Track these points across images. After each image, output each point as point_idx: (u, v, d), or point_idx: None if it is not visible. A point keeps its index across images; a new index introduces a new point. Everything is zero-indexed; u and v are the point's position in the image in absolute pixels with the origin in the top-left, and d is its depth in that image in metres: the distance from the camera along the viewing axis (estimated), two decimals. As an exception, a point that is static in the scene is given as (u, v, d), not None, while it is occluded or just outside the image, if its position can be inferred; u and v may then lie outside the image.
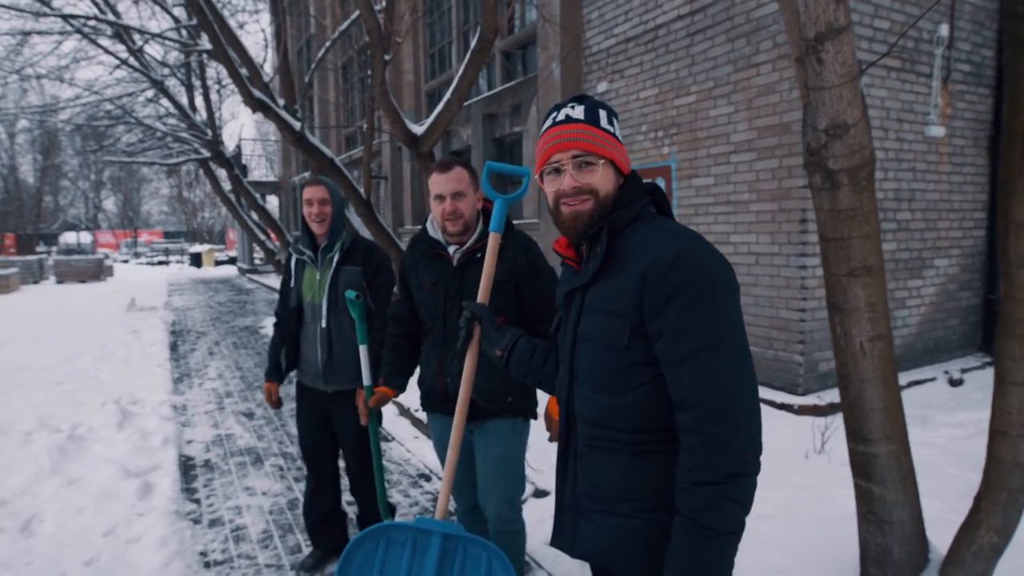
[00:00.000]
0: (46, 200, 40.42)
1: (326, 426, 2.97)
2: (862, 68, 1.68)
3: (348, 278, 2.82)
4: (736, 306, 1.20)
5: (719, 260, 1.21)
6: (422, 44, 11.11)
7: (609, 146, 1.32)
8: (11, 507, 3.67)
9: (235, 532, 3.42)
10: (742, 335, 1.18)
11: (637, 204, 1.31)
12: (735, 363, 1.15)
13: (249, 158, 25.39)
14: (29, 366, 7.40)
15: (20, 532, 3.40)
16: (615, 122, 1.36)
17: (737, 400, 1.14)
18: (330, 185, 2.80)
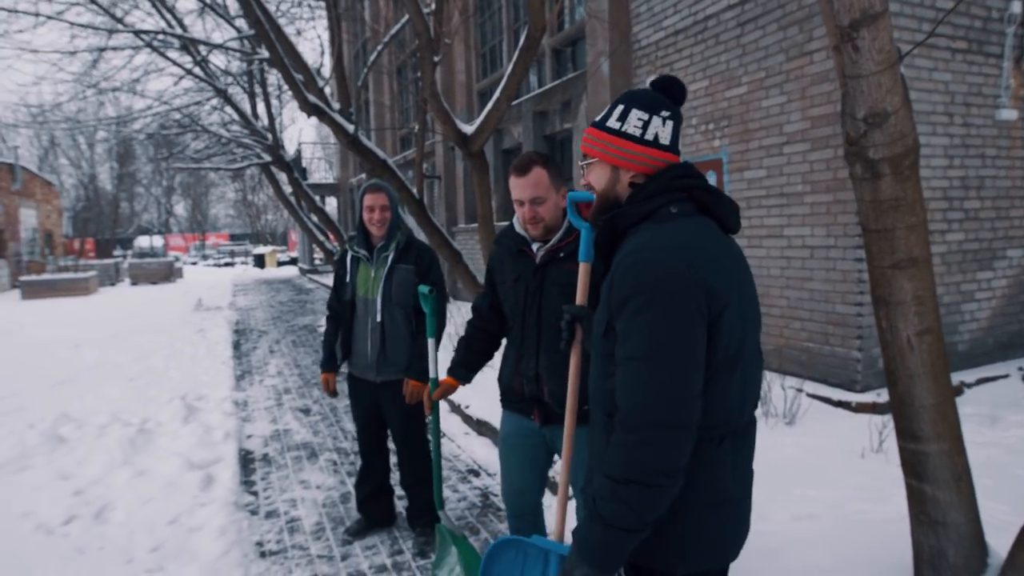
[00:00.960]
0: (122, 206, 42.99)
1: (377, 413, 3.22)
2: (901, 54, 1.63)
3: (402, 276, 3.02)
4: (683, 321, 1.18)
5: (675, 272, 1.19)
6: (473, 44, 11.23)
7: (601, 145, 1.37)
8: (86, 496, 3.94)
9: (290, 524, 3.58)
10: (683, 351, 1.18)
11: (648, 203, 1.31)
12: (663, 378, 1.17)
13: (309, 161, 26.26)
14: (104, 363, 7.90)
15: (94, 519, 3.65)
16: (632, 116, 1.35)
17: (653, 413, 1.17)
18: (390, 191, 3.00)
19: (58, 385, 6.84)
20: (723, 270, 1.25)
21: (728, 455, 1.31)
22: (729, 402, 1.29)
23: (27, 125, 12.98)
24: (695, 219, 1.31)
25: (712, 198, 1.33)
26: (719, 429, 1.28)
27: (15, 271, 21.04)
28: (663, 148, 1.35)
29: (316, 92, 6.47)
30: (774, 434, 4.05)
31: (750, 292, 1.35)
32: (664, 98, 1.38)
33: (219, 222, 60.18)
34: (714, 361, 1.24)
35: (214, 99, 12.38)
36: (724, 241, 1.34)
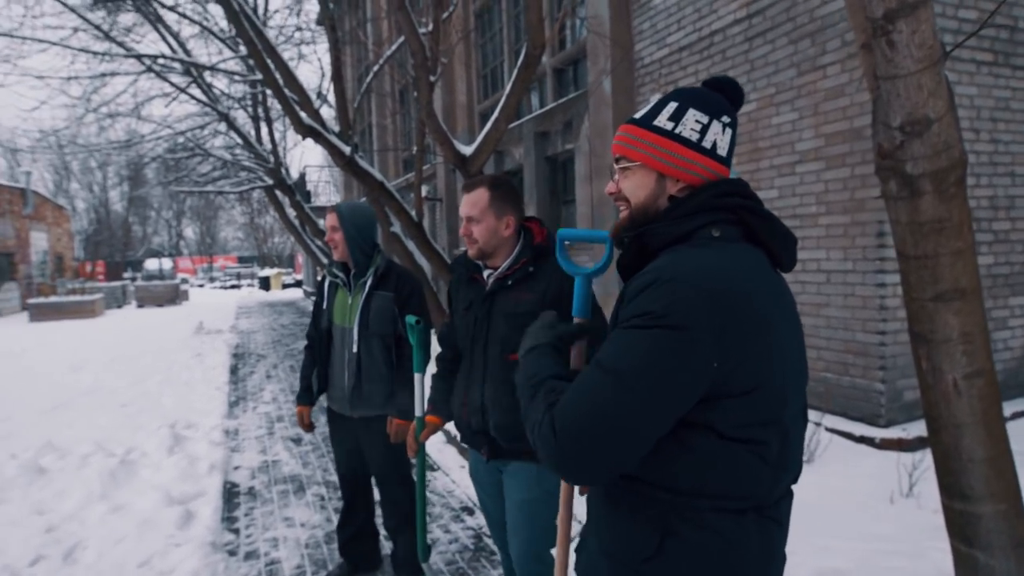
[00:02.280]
0: (134, 229, 43.27)
1: (357, 451, 2.97)
2: (946, 51, 1.39)
3: (380, 303, 2.78)
4: (673, 359, 0.97)
5: (688, 302, 0.98)
6: (474, 65, 11.14)
7: (645, 147, 1.14)
8: (58, 533, 3.69)
9: (269, 567, 3.32)
10: (655, 387, 0.98)
11: (686, 222, 1.10)
12: (616, 399, 0.98)
13: (316, 184, 26.28)
14: (99, 389, 7.69)
15: (63, 560, 3.40)
16: (689, 116, 1.12)
17: (578, 424, 1.00)
18: (341, 211, 2.79)
19: (50, 411, 6.64)
20: (758, 314, 1.02)
21: (754, 534, 1.07)
22: (762, 473, 1.05)
23: (41, 149, 12.97)
24: (740, 247, 1.09)
25: (765, 225, 1.11)
26: (743, 501, 1.05)
27: (25, 293, 21.02)
28: (719, 160, 1.13)
29: (312, 114, 6.32)
30: (791, 472, 3.75)
31: (796, 343, 1.11)
32: (725, 100, 1.16)
33: (228, 245, 60.49)
34: (734, 422, 1.01)
35: (218, 123, 12.33)
36: (772, 278, 1.10)
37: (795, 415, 1.10)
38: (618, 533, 1.12)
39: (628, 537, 1.10)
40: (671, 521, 1.06)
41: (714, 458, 1.03)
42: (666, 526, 1.06)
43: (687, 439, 1.02)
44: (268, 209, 35.98)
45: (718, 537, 1.04)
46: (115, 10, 8.24)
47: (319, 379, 2.98)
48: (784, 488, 1.12)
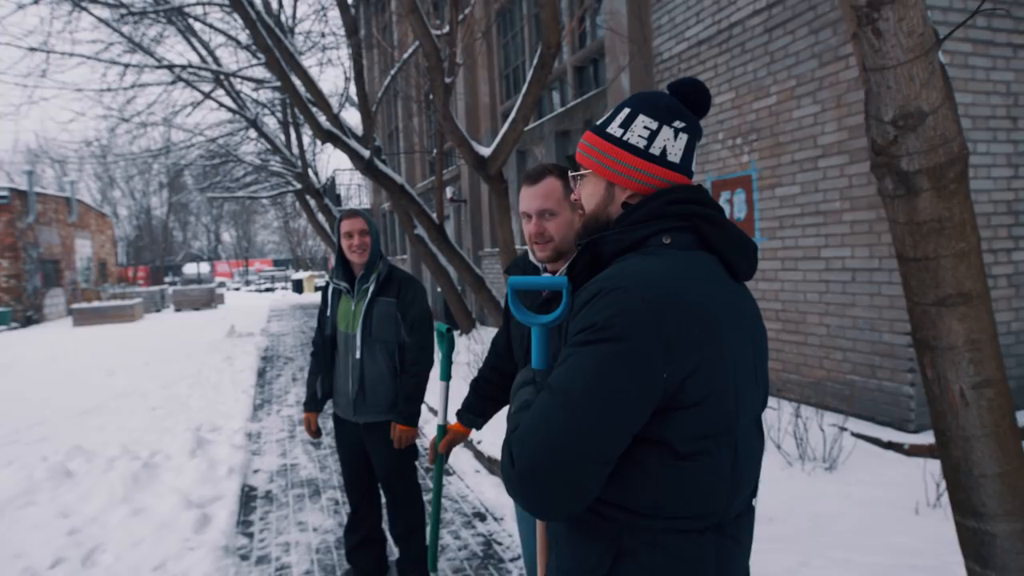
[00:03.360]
0: (175, 234, 44.57)
1: (363, 456, 2.97)
2: (939, 37, 1.29)
3: (383, 310, 2.81)
4: (621, 371, 0.93)
5: (631, 311, 0.95)
6: (496, 66, 11.12)
7: (595, 155, 1.13)
8: (80, 536, 3.78)
9: (279, 572, 3.34)
10: (604, 404, 0.93)
11: (637, 229, 1.07)
12: (566, 423, 0.94)
13: (347, 188, 26.64)
14: (132, 392, 7.91)
15: (82, 563, 3.48)
16: (638, 123, 1.09)
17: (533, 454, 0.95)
18: (367, 216, 2.83)
19: (83, 414, 6.84)
20: (706, 323, 0.98)
21: (711, 553, 1.03)
22: (714, 489, 1.01)
23: (83, 159, 13.49)
24: (693, 254, 1.06)
25: (717, 232, 1.07)
26: (698, 521, 1.02)
27: (70, 299, 21.82)
28: (671, 167, 1.10)
29: (332, 119, 6.37)
30: (812, 481, 3.61)
31: (750, 354, 1.07)
32: (680, 106, 1.13)
33: (264, 248, 61.81)
34: (686, 435, 0.98)
35: (248, 129, 12.58)
36: (725, 287, 1.07)
37: (748, 428, 1.06)
38: (572, 552, 1.08)
39: (581, 556, 1.06)
40: (624, 542, 1.02)
41: (669, 476, 0.99)
42: (619, 547, 1.02)
43: (641, 457, 0.99)
44: (301, 213, 36.71)
45: (674, 558, 1.01)
46: (143, 21, 8.46)
47: (324, 385, 3.00)
48: (743, 503, 1.08)
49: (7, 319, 17.63)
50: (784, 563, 2.76)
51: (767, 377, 1.13)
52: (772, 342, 5.24)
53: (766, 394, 1.15)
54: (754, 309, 1.13)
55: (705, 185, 5.86)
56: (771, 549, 2.85)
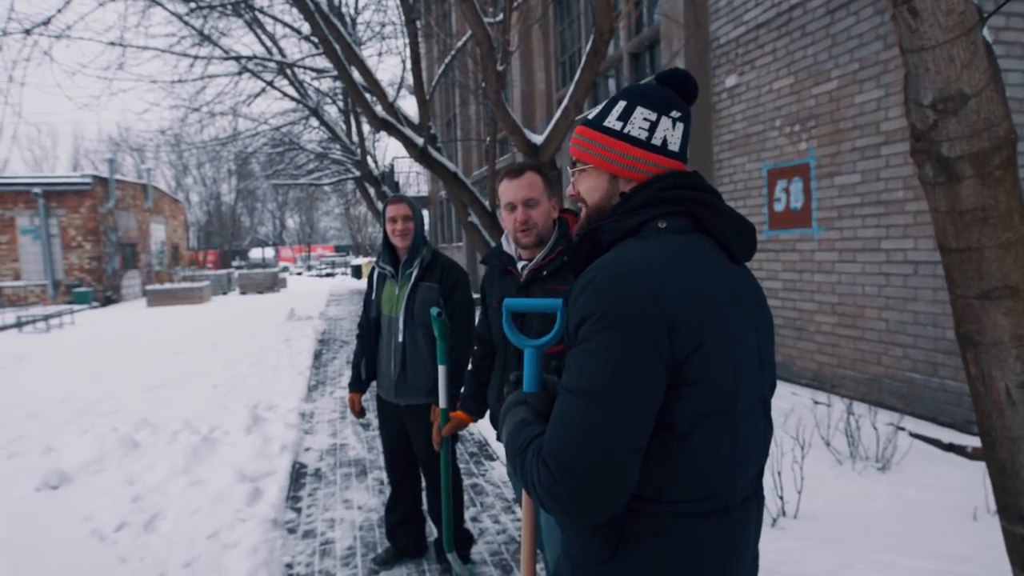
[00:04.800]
0: (242, 220, 46.46)
1: (404, 437, 3.05)
2: (983, 15, 1.22)
3: (425, 294, 2.86)
4: (630, 356, 0.95)
5: (631, 295, 0.97)
6: (552, 53, 11.05)
7: (596, 149, 1.15)
8: (143, 503, 4.05)
9: (323, 546, 3.48)
10: (622, 391, 0.95)
11: (633, 216, 1.10)
12: (592, 418, 0.96)
13: (406, 175, 27.06)
14: (197, 370, 8.34)
15: (143, 528, 3.72)
16: (637, 115, 1.12)
17: (572, 457, 0.96)
18: (411, 202, 2.88)
19: (151, 390, 7.26)
20: (703, 301, 1.00)
21: (715, 537, 1.04)
22: (714, 470, 1.02)
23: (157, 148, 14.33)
24: (688, 238, 1.08)
25: (712, 215, 1.09)
26: (703, 504, 1.02)
27: (145, 280, 23.13)
28: (671, 155, 1.13)
29: (387, 107, 6.49)
30: (862, 481, 3.48)
31: (752, 337, 1.08)
32: (674, 95, 1.15)
33: (327, 234, 63.62)
34: (686, 414, 0.99)
35: (309, 117, 12.95)
36: (723, 269, 1.08)
37: (750, 410, 1.06)
38: (577, 537, 1.10)
39: (585, 541, 1.08)
40: (628, 527, 1.03)
41: (670, 458, 1.00)
42: (623, 531, 1.04)
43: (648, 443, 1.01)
44: (361, 200, 37.56)
45: (677, 544, 1.02)
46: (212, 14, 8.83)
47: (367, 367, 3.09)
48: (747, 487, 1.08)
49: (88, 298, 18.85)
50: (826, 563, 2.68)
51: (773, 361, 1.13)
52: (827, 336, 5.05)
53: (773, 379, 1.14)
54: (756, 292, 1.13)
55: (761, 174, 5.68)
56: (814, 548, 2.78)
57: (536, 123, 11.05)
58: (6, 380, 8.29)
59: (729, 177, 6.09)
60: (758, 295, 1.13)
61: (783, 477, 3.17)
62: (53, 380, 8.12)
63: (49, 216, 19.11)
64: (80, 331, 13.44)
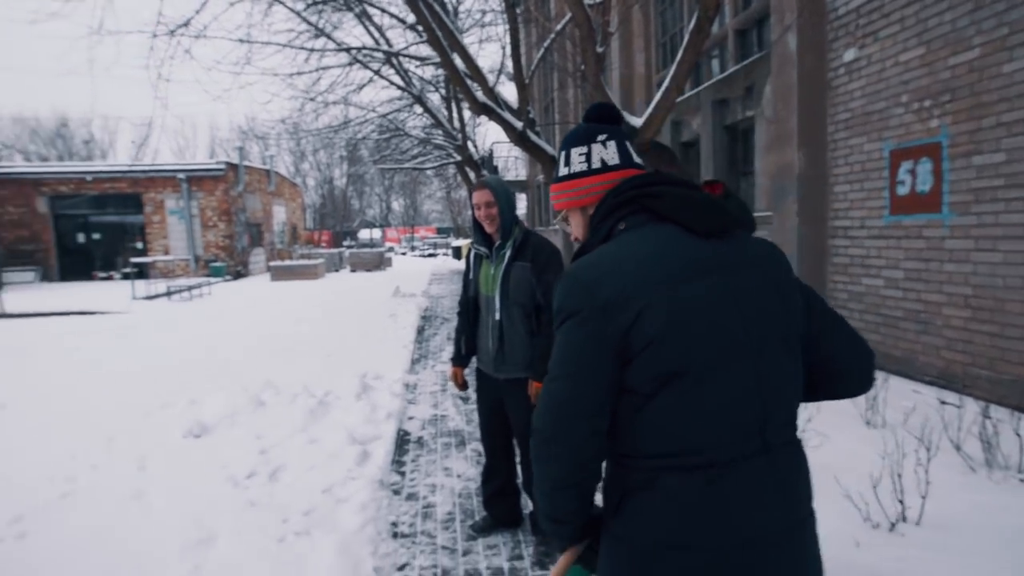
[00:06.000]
0: (352, 203, 48.71)
1: (500, 409, 3.10)
2: None
3: (519, 273, 2.91)
4: (576, 340, 1.15)
5: (570, 291, 1.18)
6: (653, 34, 10.64)
7: (561, 195, 1.37)
8: (269, 455, 4.35)
9: (425, 509, 3.58)
10: (575, 369, 1.15)
11: (600, 229, 1.29)
12: (556, 394, 1.17)
13: (505, 160, 27.26)
14: (313, 339, 8.85)
15: (269, 477, 4.00)
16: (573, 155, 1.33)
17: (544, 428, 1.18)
18: (494, 187, 2.90)
19: (274, 355, 7.78)
20: (638, 282, 1.13)
21: (706, 491, 1.11)
22: (687, 427, 1.11)
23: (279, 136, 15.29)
24: (644, 229, 1.22)
25: (662, 203, 1.21)
26: (682, 458, 1.12)
27: (268, 257, 24.83)
28: (614, 168, 1.31)
29: (487, 92, 6.51)
30: (1000, 492, 3.11)
31: (728, 299, 1.14)
32: (597, 125, 1.35)
33: (429, 216, 65.48)
34: (642, 378, 1.12)
35: (413, 105, 13.27)
36: (684, 247, 1.17)
37: (727, 368, 1.12)
38: (604, 491, 1.26)
39: (606, 494, 1.24)
40: (626, 481, 1.17)
41: (638, 418, 1.13)
42: (625, 487, 1.17)
43: (619, 406, 1.16)
44: (462, 184, 38.30)
45: (667, 497, 1.12)
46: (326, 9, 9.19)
47: (468, 343, 3.17)
48: (746, 444, 1.12)
49: (222, 272, 20.50)
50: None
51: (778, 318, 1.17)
52: (957, 331, 4.57)
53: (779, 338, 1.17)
54: (741, 257, 1.18)
55: (882, 155, 5.19)
56: (937, 559, 2.53)
57: (635, 106, 10.72)
58: (161, 341, 9.17)
59: (844, 159, 5.62)
60: (747, 258, 1.19)
61: (904, 480, 2.90)
62: (196, 342, 8.90)
63: (191, 199, 20.88)
64: (216, 301, 14.64)
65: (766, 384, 1.14)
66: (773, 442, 1.15)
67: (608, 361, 1.13)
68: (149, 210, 20.96)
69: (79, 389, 6.39)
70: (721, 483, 1.10)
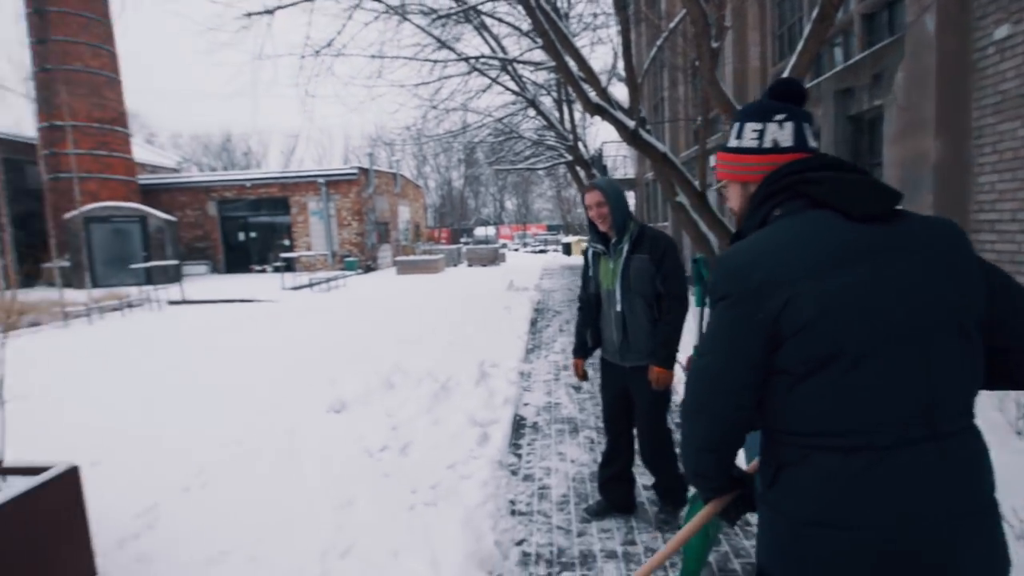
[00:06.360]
0: (469, 202, 50.14)
1: (624, 397, 3.16)
2: None
3: (638, 265, 2.93)
4: (729, 321, 1.19)
5: (727, 274, 1.19)
6: (769, 26, 10.00)
7: (725, 166, 1.38)
8: (398, 432, 4.63)
9: (541, 490, 3.66)
10: (725, 347, 1.19)
11: (757, 213, 1.28)
12: (706, 369, 1.24)
13: (613, 159, 26.90)
14: (435, 329, 9.24)
15: (399, 452, 4.26)
16: (746, 130, 1.32)
17: (692, 399, 1.27)
18: (603, 187, 2.95)
19: (402, 342, 8.22)
20: (790, 268, 1.11)
21: (859, 473, 1.08)
22: (839, 409, 1.09)
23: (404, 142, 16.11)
24: (801, 216, 1.19)
25: (820, 188, 1.18)
26: (840, 439, 1.10)
27: (394, 252, 26.20)
28: (785, 151, 1.28)
29: (600, 92, 6.46)
30: None
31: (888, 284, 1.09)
32: (778, 103, 1.31)
33: (540, 214, 65.91)
34: (793, 360, 1.12)
35: (527, 108, 13.41)
36: (840, 232, 1.13)
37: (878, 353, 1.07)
38: (761, 464, 1.28)
39: (762, 468, 1.27)
40: (783, 456, 1.18)
41: (791, 398, 1.13)
42: (780, 461, 1.19)
43: (772, 385, 1.17)
44: (572, 183, 38.17)
45: (819, 474, 1.11)
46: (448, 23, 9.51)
47: (592, 336, 3.23)
48: (911, 429, 1.07)
49: (355, 266, 21.92)
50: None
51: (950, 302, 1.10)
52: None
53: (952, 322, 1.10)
54: (902, 241, 1.12)
55: (1036, 139, 4.55)
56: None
57: (748, 101, 10.15)
58: (305, 326, 10.01)
59: (992, 146, 5.00)
60: (912, 240, 1.12)
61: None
62: (334, 329, 9.61)
63: (329, 201, 22.49)
64: (350, 292, 15.69)
65: (936, 370, 1.09)
66: (944, 429, 1.09)
67: (755, 343, 1.15)
68: (295, 211, 22.83)
69: (242, 365, 7.13)
70: (881, 466, 1.07)
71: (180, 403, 5.59)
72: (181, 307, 13.67)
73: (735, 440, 1.26)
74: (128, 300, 13.28)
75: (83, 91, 18.25)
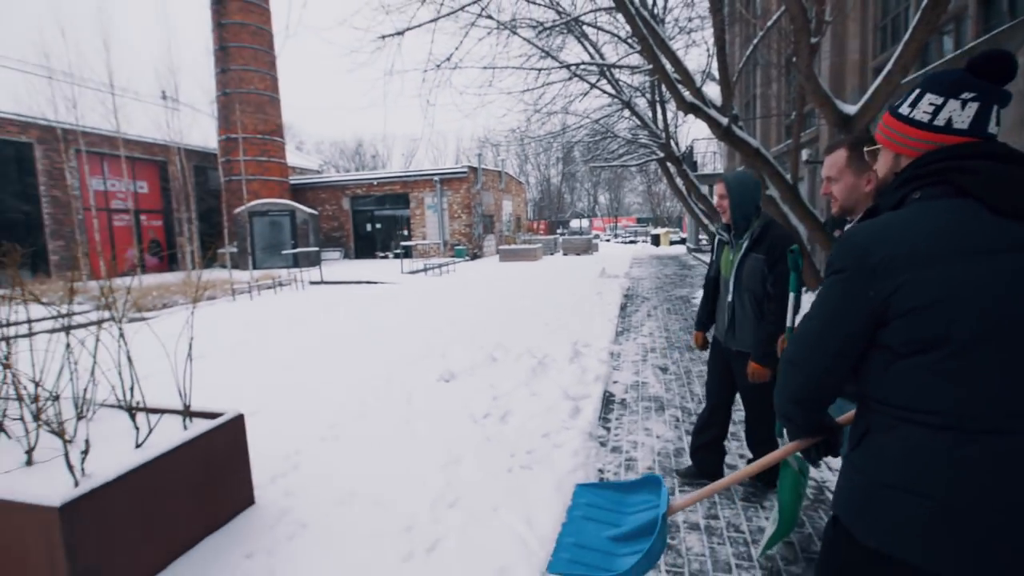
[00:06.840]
0: (565, 197, 49.82)
1: (727, 374, 3.09)
2: None
3: (752, 264, 2.82)
4: (838, 295, 1.15)
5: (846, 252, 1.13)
6: (871, 19, 8.99)
7: (886, 132, 1.23)
8: (499, 402, 4.72)
9: (627, 461, 3.60)
10: (830, 317, 1.16)
11: (897, 192, 1.17)
12: (809, 331, 1.21)
13: (703, 155, 25.63)
14: (534, 311, 9.31)
15: (500, 419, 4.35)
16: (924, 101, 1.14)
17: (792, 353, 1.25)
18: (728, 181, 2.83)
19: (503, 322, 8.37)
20: (916, 252, 1.04)
21: (944, 452, 1.03)
22: (934, 389, 1.04)
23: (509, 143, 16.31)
24: (938, 203, 1.08)
25: (973, 179, 1.05)
26: (929, 416, 1.05)
27: (498, 242, 26.65)
28: (957, 133, 1.11)
29: (694, 92, 6.14)
30: None
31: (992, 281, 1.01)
32: (972, 79, 1.10)
33: (630, 208, 64.23)
34: (897, 339, 1.07)
35: (622, 110, 13.04)
36: (971, 225, 1.04)
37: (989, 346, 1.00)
38: (852, 425, 1.25)
39: (852, 428, 1.24)
40: (872, 422, 1.15)
41: (890, 372, 1.10)
42: (867, 425, 1.16)
43: (873, 357, 1.13)
44: (661, 178, 36.79)
45: (902, 444, 1.08)
46: (552, 33, 9.42)
47: (709, 314, 3.22)
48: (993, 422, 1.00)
49: (463, 254, 22.55)
50: None
51: None
52: None
53: None
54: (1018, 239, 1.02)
55: None
56: None
57: (845, 95, 9.21)
58: (422, 307, 10.47)
59: None
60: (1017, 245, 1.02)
61: None
62: (444, 308, 9.97)
63: (442, 196, 23.24)
64: (459, 277, 16.17)
65: None
66: None
67: (859, 319, 1.11)
68: (413, 205, 23.82)
69: (369, 337, 7.59)
70: (969, 448, 1.02)
71: (319, 368, 6.06)
72: (320, 287, 14.76)
73: (823, 398, 1.25)
74: (279, 280, 14.56)
75: (251, 109, 20.11)
